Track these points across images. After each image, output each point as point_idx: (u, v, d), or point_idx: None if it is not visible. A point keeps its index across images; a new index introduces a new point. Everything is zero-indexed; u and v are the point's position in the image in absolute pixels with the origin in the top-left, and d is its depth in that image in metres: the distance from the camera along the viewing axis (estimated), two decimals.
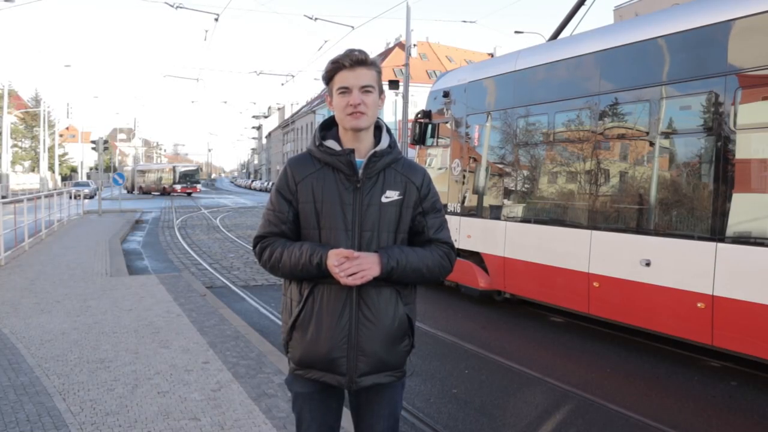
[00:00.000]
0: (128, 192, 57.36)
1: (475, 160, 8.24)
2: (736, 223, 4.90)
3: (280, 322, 6.64)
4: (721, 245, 4.93)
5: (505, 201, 7.63)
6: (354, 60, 1.94)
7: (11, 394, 4.15)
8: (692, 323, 5.20)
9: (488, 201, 7.92)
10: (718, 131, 5.08)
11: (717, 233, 4.97)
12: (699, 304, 5.07)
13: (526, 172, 7.43)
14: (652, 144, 5.76)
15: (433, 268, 2.04)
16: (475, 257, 7.93)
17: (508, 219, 7.46)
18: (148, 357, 5.05)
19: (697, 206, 5.31)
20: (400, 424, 2.20)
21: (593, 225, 6.16)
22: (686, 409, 4.60)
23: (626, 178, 6.10)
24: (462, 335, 6.52)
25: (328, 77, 1.99)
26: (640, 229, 5.77)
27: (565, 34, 7.79)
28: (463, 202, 8.21)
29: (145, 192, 55.24)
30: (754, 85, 4.85)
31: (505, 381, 5.13)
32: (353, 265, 1.87)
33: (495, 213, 7.68)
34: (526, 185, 7.45)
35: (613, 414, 4.39)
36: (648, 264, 5.50)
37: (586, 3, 7.77)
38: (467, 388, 4.92)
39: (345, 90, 1.95)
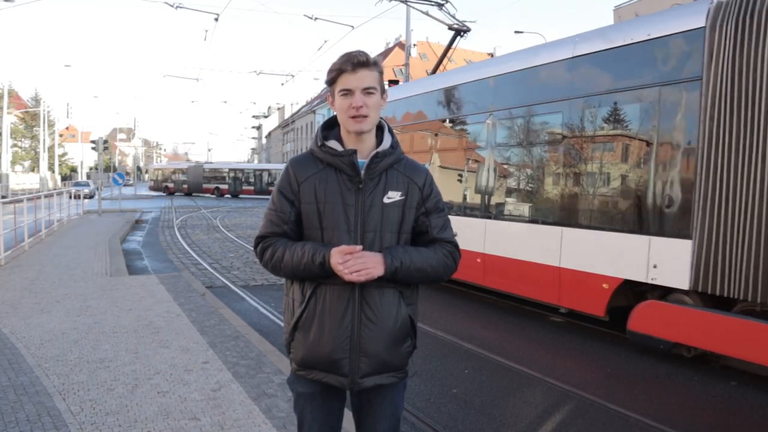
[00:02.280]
0: (169, 194, 48.74)
1: None
2: (495, 206, 7.85)
3: (280, 322, 6.65)
4: (488, 221, 7.86)
5: None
6: (355, 63, 1.93)
7: (11, 394, 4.15)
8: (475, 271, 7.99)
9: None
10: (491, 147, 7.96)
11: (486, 214, 7.94)
12: (477, 260, 7.93)
13: None
14: (477, 157, 8.41)
15: (438, 267, 2.04)
16: None
17: None
18: (148, 357, 5.05)
19: (477, 198, 8.22)
20: (400, 424, 2.20)
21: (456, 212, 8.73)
22: (686, 409, 4.60)
23: (462, 178, 8.85)
24: (462, 335, 6.52)
25: (331, 81, 1.99)
26: (453, 212, 8.41)
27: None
28: None
29: (233, 194, 46.38)
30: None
31: (505, 381, 5.13)
32: (357, 263, 1.87)
33: None
34: None
35: (613, 414, 4.40)
36: (455, 235, 8.69)
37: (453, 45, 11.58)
38: (467, 388, 4.92)
39: (347, 92, 1.95)
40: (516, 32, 30.10)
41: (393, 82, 15.88)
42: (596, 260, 6.18)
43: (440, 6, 11.85)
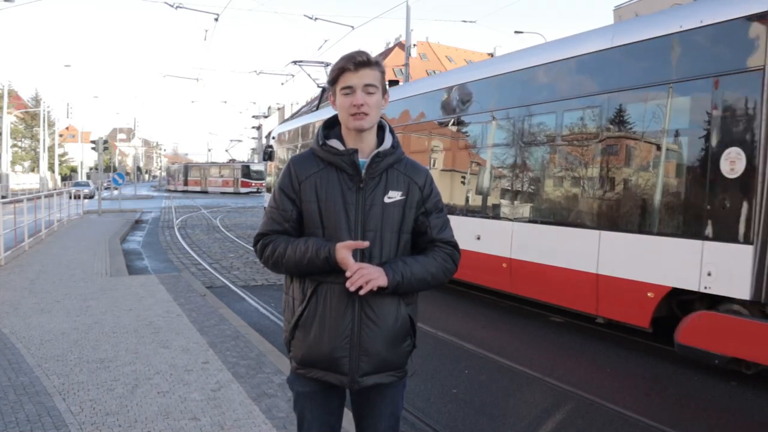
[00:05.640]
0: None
1: (280, 172, 16.88)
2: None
3: (280, 322, 6.65)
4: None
5: None
6: (357, 62, 1.94)
7: (11, 394, 4.15)
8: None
9: None
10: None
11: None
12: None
13: None
14: None
15: (437, 273, 2.04)
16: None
17: None
18: (148, 357, 5.04)
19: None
20: (400, 424, 2.20)
21: None
22: (686, 409, 4.60)
23: None
24: (462, 335, 6.52)
25: (333, 80, 2.00)
26: None
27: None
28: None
29: None
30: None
31: (505, 381, 5.13)
32: (361, 277, 1.87)
33: None
34: None
35: (613, 414, 4.39)
36: None
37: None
38: (467, 388, 4.92)
39: (348, 90, 1.95)
40: (516, 32, 30.09)
41: (393, 83, 16.07)
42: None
43: (327, 65, 17.14)
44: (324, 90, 17.28)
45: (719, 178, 5.06)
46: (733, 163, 4.98)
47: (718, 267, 5.05)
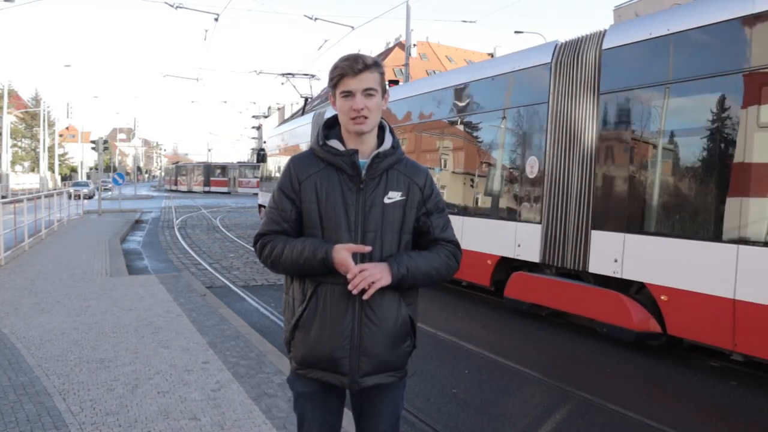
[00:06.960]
0: None
1: (270, 172, 19.53)
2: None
3: (280, 322, 6.66)
4: None
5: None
6: (356, 67, 1.93)
7: (11, 394, 4.15)
8: None
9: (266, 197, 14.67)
10: None
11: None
12: None
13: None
14: None
15: (441, 269, 2.04)
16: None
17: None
18: (148, 357, 5.04)
19: None
20: (400, 424, 2.20)
21: None
22: (686, 409, 4.60)
23: None
24: (462, 335, 6.52)
25: (333, 83, 1.99)
26: None
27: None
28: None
29: None
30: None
31: (505, 381, 5.13)
32: (365, 276, 1.86)
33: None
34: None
35: (613, 414, 4.40)
36: None
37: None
38: (467, 388, 4.92)
39: (348, 94, 1.95)
40: (516, 32, 30.08)
41: (393, 82, 16.12)
42: None
43: (312, 77, 18.58)
44: (307, 100, 19.51)
45: (525, 177, 7.25)
46: (532, 167, 7.13)
47: (523, 240, 7.17)
